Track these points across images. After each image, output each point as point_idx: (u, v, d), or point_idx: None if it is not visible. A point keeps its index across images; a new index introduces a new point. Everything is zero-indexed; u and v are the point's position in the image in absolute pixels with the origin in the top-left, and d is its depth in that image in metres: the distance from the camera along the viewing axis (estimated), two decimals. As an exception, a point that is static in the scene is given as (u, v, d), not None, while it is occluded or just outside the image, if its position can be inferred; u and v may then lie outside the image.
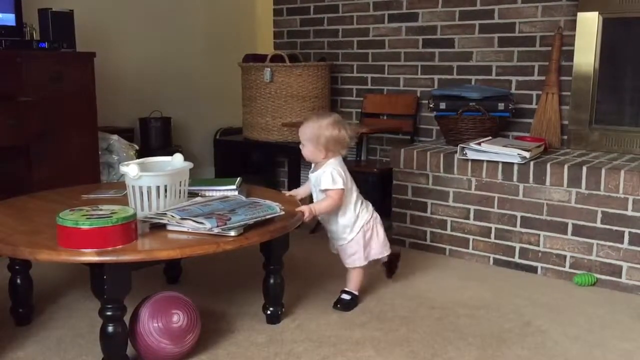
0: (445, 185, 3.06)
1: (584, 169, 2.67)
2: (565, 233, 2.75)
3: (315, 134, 2.28)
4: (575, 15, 3.17)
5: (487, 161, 2.91)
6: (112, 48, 3.84)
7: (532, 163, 2.81)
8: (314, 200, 2.39)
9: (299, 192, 2.47)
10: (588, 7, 3.11)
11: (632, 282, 2.61)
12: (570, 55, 3.22)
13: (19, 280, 2.23)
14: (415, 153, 3.14)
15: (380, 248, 2.42)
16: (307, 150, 2.33)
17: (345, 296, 2.42)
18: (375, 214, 2.43)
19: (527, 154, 2.80)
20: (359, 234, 2.36)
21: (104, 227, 1.71)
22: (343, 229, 2.36)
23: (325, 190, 2.29)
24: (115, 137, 3.60)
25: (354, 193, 2.37)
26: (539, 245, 2.83)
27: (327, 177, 2.27)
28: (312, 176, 2.37)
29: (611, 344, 2.14)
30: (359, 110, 4.04)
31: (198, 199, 2.17)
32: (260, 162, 4.35)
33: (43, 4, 3.21)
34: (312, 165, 2.40)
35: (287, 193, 2.48)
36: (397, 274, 2.79)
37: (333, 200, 2.27)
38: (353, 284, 2.44)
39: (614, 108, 3.18)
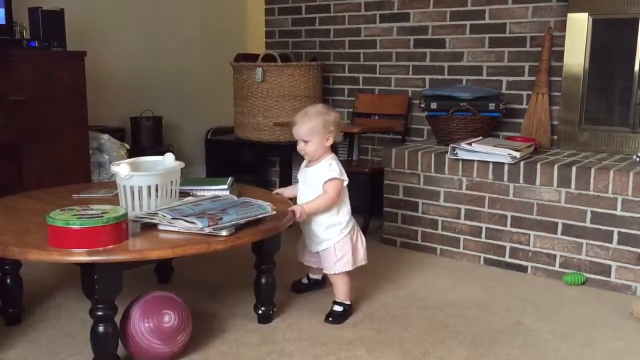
0: (436, 185, 3.07)
1: (574, 169, 2.69)
2: (555, 233, 2.76)
3: (319, 122, 2.21)
4: (565, 16, 3.19)
5: (478, 161, 2.92)
6: (103, 47, 3.83)
7: (522, 163, 2.82)
8: (298, 200, 2.32)
9: (286, 191, 2.43)
10: (578, 8, 3.13)
11: (621, 281, 2.63)
12: (560, 56, 3.24)
13: (9, 280, 2.22)
14: (407, 153, 3.15)
15: (364, 253, 2.35)
16: (313, 145, 2.22)
17: (337, 307, 2.30)
18: (356, 222, 2.36)
19: (517, 154, 2.82)
20: (347, 235, 2.28)
21: (95, 227, 1.71)
22: (333, 228, 2.26)
23: (328, 181, 2.20)
24: (106, 136, 3.59)
25: (347, 194, 2.32)
26: (529, 245, 2.84)
27: (335, 167, 2.22)
28: (308, 170, 2.29)
29: (600, 342, 2.16)
30: (351, 110, 4.04)
31: (189, 198, 2.17)
32: (252, 161, 4.35)
33: (33, 3, 3.20)
34: (305, 161, 2.34)
35: (274, 191, 2.45)
36: (389, 273, 2.81)
37: (329, 197, 2.20)
38: (342, 292, 2.32)
39: (603, 108, 3.20)
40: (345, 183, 2.26)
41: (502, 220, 2.90)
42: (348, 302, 2.33)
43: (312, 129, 2.22)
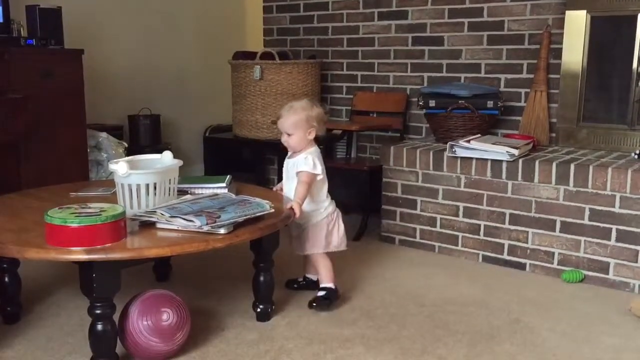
0: (435, 183, 3.07)
1: (572, 166, 2.69)
2: (554, 230, 2.76)
3: (302, 117, 2.32)
4: (564, 13, 3.19)
5: (476, 159, 2.92)
6: (101, 45, 3.82)
7: (520, 160, 2.82)
8: (284, 191, 2.41)
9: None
10: (576, 5, 3.13)
11: (619, 278, 2.64)
12: (558, 53, 3.24)
13: (7, 279, 2.21)
14: (405, 150, 3.15)
15: (339, 240, 2.43)
16: (296, 138, 2.33)
17: (320, 292, 2.37)
18: (338, 210, 2.45)
19: (515, 152, 2.82)
20: (323, 220, 2.38)
21: (93, 225, 1.71)
22: (310, 213, 2.35)
23: (300, 172, 2.29)
24: (104, 134, 3.59)
25: (326, 184, 2.41)
26: (527, 242, 2.84)
27: (309, 161, 2.29)
28: (290, 162, 2.38)
29: (599, 339, 2.16)
30: (349, 107, 4.04)
31: (187, 196, 2.17)
32: (250, 159, 4.35)
33: (31, 1, 3.19)
34: (289, 153, 2.42)
35: (275, 188, 2.50)
36: (388, 271, 2.81)
37: (307, 184, 2.27)
38: (324, 275, 2.39)
39: (601, 106, 3.20)
40: (319, 177, 2.33)
41: (500, 217, 2.90)
42: (331, 286, 2.38)
43: (295, 122, 2.32)
